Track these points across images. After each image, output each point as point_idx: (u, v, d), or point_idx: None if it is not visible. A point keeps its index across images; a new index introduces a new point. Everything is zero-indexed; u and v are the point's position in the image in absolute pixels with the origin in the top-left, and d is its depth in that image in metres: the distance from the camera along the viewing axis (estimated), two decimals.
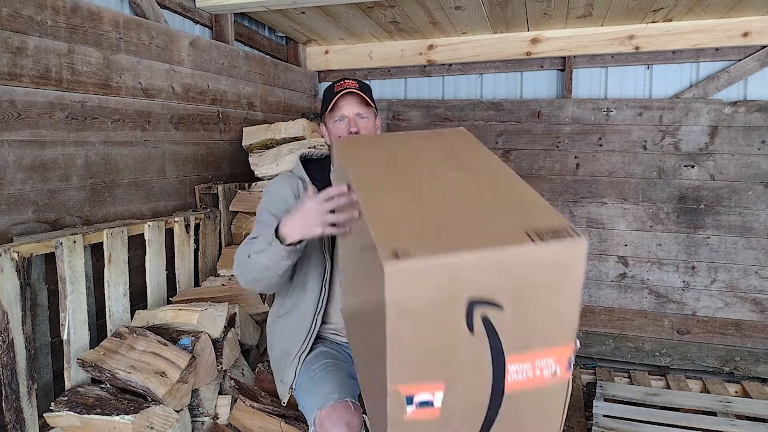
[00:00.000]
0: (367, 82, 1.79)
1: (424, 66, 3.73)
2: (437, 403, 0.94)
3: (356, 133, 1.71)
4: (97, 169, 2.09)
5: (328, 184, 1.59)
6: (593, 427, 2.55)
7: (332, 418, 1.46)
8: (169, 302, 2.21)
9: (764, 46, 3.08)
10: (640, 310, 3.38)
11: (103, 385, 1.75)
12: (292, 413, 1.85)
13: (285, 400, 1.66)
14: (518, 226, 0.94)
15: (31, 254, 1.68)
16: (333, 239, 1.65)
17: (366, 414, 1.52)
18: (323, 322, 1.68)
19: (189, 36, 2.58)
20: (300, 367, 1.63)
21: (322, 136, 1.83)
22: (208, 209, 2.60)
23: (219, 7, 2.77)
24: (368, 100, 1.72)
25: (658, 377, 3.24)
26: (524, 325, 0.95)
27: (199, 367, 1.82)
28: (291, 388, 1.63)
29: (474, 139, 1.32)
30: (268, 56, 3.44)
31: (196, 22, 2.83)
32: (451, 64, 3.67)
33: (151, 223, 2.12)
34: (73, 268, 1.77)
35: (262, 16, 3.23)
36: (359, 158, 1.26)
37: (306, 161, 1.81)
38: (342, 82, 1.74)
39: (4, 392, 1.59)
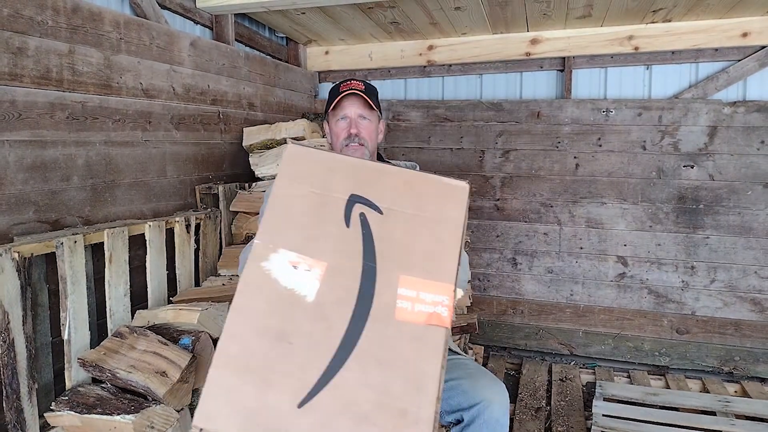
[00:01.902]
0: (374, 84, 1.80)
1: (424, 66, 3.73)
2: (315, 283, 0.95)
3: (356, 135, 1.72)
4: (97, 170, 2.09)
5: None
6: (593, 427, 2.56)
7: None
8: (170, 302, 2.21)
9: (763, 47, 3.08)
10: (639, 309, 3.38)
11: (103, 385, 1.75)
12: None
13: None
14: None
15: (32, 254, 1.68)
16: None
17: None
18: None
19: (189, 36, 2.58)
20: None
21: (323, 136, 1.84)
22: (209, 209, 2.61)
23: (219, 7, 2.78)
24: (372, 103, 1.72)
25: (657, 377, 3.25)
26: (401, 244, 0.99)
27: (200, 367, 1.82)
28: None
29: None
30: (268, 57, 3.44)
31: (197, 23, 2.83)
32: (450, 65, 3.67)
33: (151, 223, 2.12)
34: (73, 268, 1.77)
35: (263, 16, 3.23)
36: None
37: None
38: (348, 82, 1.75)
39: (4, 392, 1.59)
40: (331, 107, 1.76)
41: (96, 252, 1.98)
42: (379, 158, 1.95)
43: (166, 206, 2.46)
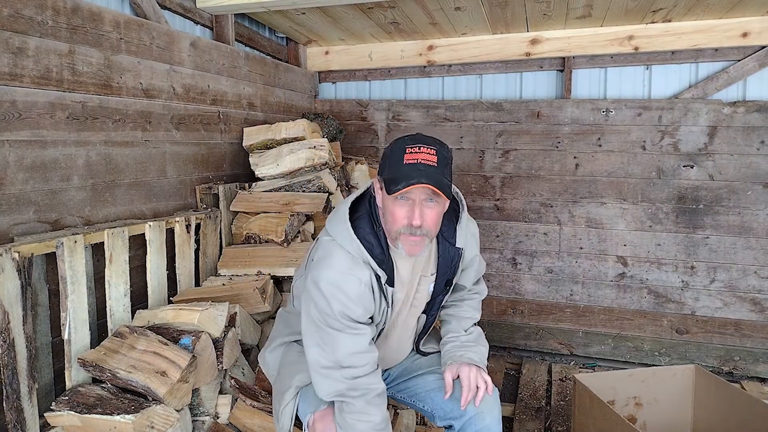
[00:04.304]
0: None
1: (424, 66, 3.74)
2: None
3: (419, 227, 1.38)
4: (97, 169, 2.09)
5: (388, 257, 1.46)
6: None
7: (324, 420, 1.49)
8: (170, 302, 2.21)
9: (763, 47, 3.08)
10: (639, 309, 3.38)
11: (103, 385, 1.75)
12: None
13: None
14: None
15: (32, 254, 1.68)
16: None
17: None
18: None
19: (189, 36, 2.58)
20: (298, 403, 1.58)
21: (323, 136, 1.73)
22: (209, 209, 2.61)
23: (219, 7, 2.78)
24: (444, 188, 1.35)
25: None
26: None
27: (200, 367, 1.82)
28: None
29: None
30: (268, 57, 3.44)
31: (197, 23, 2.83)
32: (450, 65, 3.67)
33: (151, 223, 2.13)
34: (73, 268, 1.77)
35: (263, 16, 3.23)
36: None
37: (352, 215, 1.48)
38: (417, 151, 1.34)
39: (5, 392, 1.59)
40: (394, 183, 1.34)
41: (96, 252, 1.99)
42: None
43: (166, 206, 2.46)
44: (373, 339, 1.53)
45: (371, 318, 1.50)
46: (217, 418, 1.91)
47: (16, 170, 1.78)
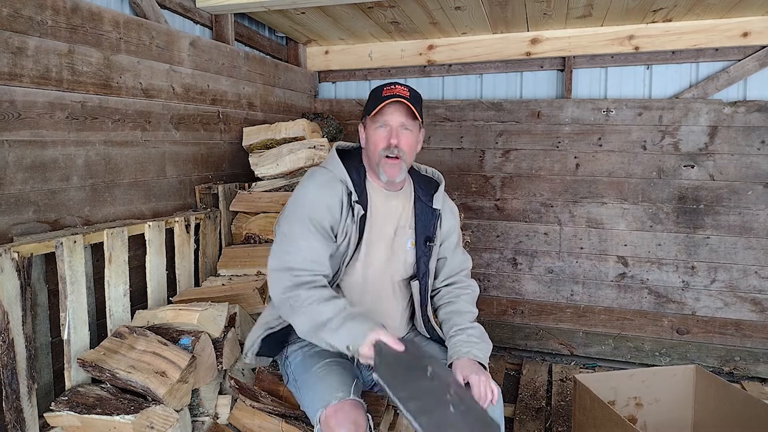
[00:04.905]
0: (418, 91, 1.75)
1: (424, 66, 3.73)
2: None
3: (396, 145, 1.62)
4: (97, 169, 2.09)
5: (365, 192, 1.68)
6: None
7: (338, 416, 1.42)
8: (170, 302, 2.21)
9: (764, 47, 3.08)
10: (639, 309, 3.38)
11: (103, 385, 1.75)
12: (292, 413, 1.85)
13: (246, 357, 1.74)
14: None
15: (32, 254, 1.68)
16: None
17: (370, 413, 1.52)
18: None
19: (189, 36, 2.58)
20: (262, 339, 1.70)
21: (324, 135, 1.82)
22: (209, 209, 2.61)
23: (219, 7, 2.78)
24: (416, 112, 1.63)
25: None
26: None
27: (200, 367, 1.82)
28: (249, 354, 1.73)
29: None
30: (268, 56, 3.44)
31: (197, 23, 2.83)
32: (451, 65, 3.67)
33: (151, 223, 2.12)
34: (73, 268, 1.77)
35: (263, 16, 3.23)
36: None
37: (340, 154, 1.73)
38: (393, 87, 1.64)
39: (4, 392, 1.59)
40: (372, 113, 1.63)
41: (96, 252, 1.98)
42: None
43: (166, 206, 2.46)
44: (339, 273, 1.65)
45: (336, 236, 1.64)
46: (217, 418, 1.91)
47: (16, 170, 1.78)
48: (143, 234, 2.10)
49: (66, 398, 1.66)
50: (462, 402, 1.38)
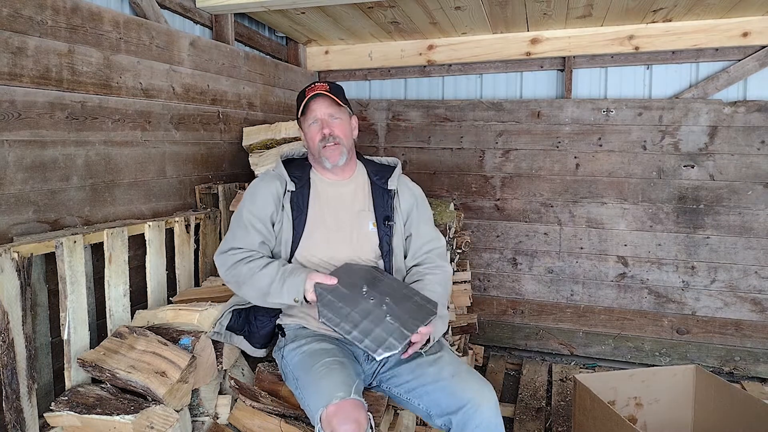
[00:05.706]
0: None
1: (424, 66, 3.73)
2: None
3: (330, 134, 1.77)
4: (97, 169, 2.09)
5: (307, 183, 1.85)
6: None
7: (340, 415, 1.42)
8: (170, 302, 2.21)
9: (764, 46, 3.08)
10: (639, 309, 3.38)
11: (103, 385, 1.75)
12: (292, 413, 1.85)
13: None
14: None
15: (32, 254, 1.67)
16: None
17: (371, 413, 1.52)
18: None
19: (189, 36, 2.58)
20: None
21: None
22: (209, 209, 2.61)
23: (219, 7, 2.78)
24: (339, 100, 1.77)
25: None
26: None
27: (200, 367, 1.81)
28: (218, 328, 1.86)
29: None
30: (268, 56, 3.44)
31: (196, 23, 2.83)
32: (450, 65, 3.67)
33: (151, 223, 2.12)
34: (73, 268, 1.77)
35: (263, 16, 3.23)
36: None
37: (287, 161, 1.92)
38: (312, 86, 1.80)
39: (4, 392, 1.59)
40: (301, 113, 1.81)
41: (96, 252, 1.98)
42: (358, 155, 2.00)
43: (166, 206, 2.46)
44: (293, 257, 1.80)
45: (273, 224, 1.83)
46: (217, 418, 1.91)
47: (16, 170, 1.77)
48: (143, 234, 2.10)
49: (66, 398, 1.66)
50: (397, 303, 1.64)
